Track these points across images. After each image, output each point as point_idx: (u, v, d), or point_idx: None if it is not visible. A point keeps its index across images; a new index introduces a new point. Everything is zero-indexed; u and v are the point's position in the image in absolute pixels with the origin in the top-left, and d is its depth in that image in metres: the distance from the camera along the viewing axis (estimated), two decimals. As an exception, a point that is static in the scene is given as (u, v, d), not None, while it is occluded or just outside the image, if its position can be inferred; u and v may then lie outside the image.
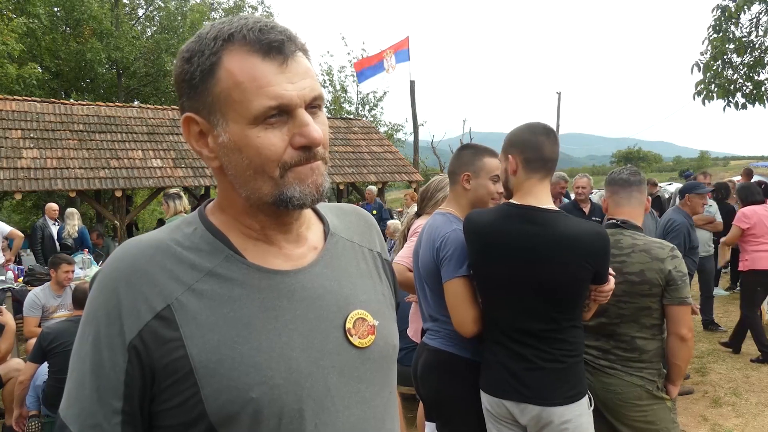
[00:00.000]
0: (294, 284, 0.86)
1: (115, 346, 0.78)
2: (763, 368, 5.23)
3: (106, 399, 0.77)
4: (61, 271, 4.93)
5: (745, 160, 48.86)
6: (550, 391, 1.90)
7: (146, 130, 11.68)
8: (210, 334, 0.79)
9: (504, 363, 1.98)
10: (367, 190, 11.31)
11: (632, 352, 2.30)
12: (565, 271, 1.86)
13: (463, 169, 2.31)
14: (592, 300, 2.04)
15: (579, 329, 1.99)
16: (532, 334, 1.93)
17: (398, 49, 14.37)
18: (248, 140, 0.79)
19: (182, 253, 0.83)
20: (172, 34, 19.72)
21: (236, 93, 0.78)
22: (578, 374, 1.96)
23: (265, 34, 0.79)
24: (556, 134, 2.01)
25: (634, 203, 2.44)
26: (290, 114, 0.80)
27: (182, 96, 0.84)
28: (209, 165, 0.86)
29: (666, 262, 2.22)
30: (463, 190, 2.31)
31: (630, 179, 2.46)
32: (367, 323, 0.91)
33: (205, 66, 0.80)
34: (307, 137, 0.80)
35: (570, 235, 1.87)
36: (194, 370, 0.77)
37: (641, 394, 2.26)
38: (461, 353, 2.20)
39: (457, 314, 2.11)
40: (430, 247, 2.22)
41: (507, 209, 2.00)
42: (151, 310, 0.78)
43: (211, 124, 0.82)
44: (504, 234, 1.95)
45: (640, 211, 2.45)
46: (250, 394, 0.78)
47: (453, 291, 2.11)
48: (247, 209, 0.86)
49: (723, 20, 9.94)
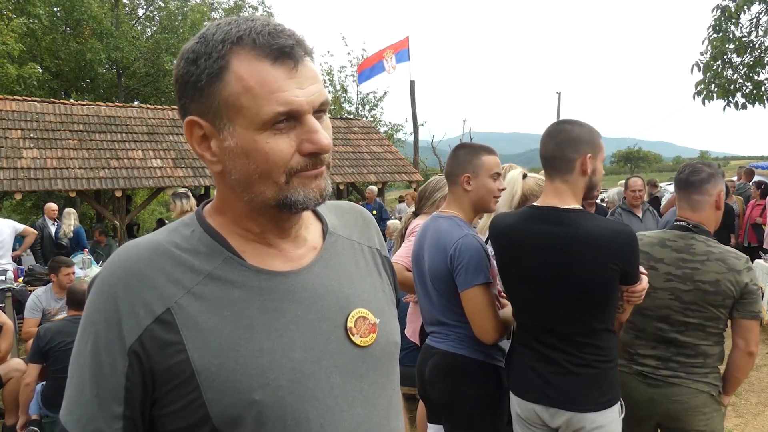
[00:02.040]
0: (294, 285, 0.86)
1: (114, 351, 0.77)
2: (763, 368, 5.22)
3: (106, 404, 0.77)
4: (62, 275, 4.93)
5: (745, 160, 48.84)
6: (581, 397, 1.86)
7: (146, 130, 11.67)
8: (211, 337, 0.79)
9: (533, 366, 1.95)
10: (368, 190, 11.32)
11: (696, 358, 2.17)
12: (591, 271, 1.82)
13: (461, 170, 2.25)
14: (625, 301, 1.98)
15: (611, 333, 1.92)
16: (561, 336, 1.89)
17: (398, 49, 14.38)
18: (256, 145, 0.79)
19: (181, 255, 0.83)
20: (172, 34, 19.70)
21: (245, 98, 0.78)
22: (611, 380, 1.90)
23: (275, 39, 0.78)
24: (558, 130, 1.94)
25: (695, 206, 2.19)
26: (299, 120, 0.80)
27: (184, 98, 0.83)
28: (211, 169, 0.85)
29: (743, 274, 2.09)
30: (464, 192, 2.26)
31: (689, 179, 2.21)
32: (369, 321, 0.91)
33: (212, 69, 0.78)
34: (317, 144, 0.80)
35: (594, 234, 1.83)
36: (196, 373, 0.77)
37: (707, 401, 2.15)
38: (474, 355, 2.18)
39: (479, 322, 2.09)
40: (442, 253, 2.17)
41: (530, 211, 1.98)
42: (151, 314, 0.78)
43: (216, 128, 0.81)
44: (528, 235, 1.92)
45: (705, 215, 2.20)
46: (253, 396, 0.78)
47: (473, 299, 2.09)
48: (247, 213, 0.86)
49: (723, 20, 9.93)
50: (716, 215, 2.22)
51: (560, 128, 1.94)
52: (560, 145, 1.91)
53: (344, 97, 25.04)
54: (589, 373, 1.87)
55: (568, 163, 1.90)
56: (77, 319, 3.83)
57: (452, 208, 2.31)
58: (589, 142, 1.91)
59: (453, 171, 2.28)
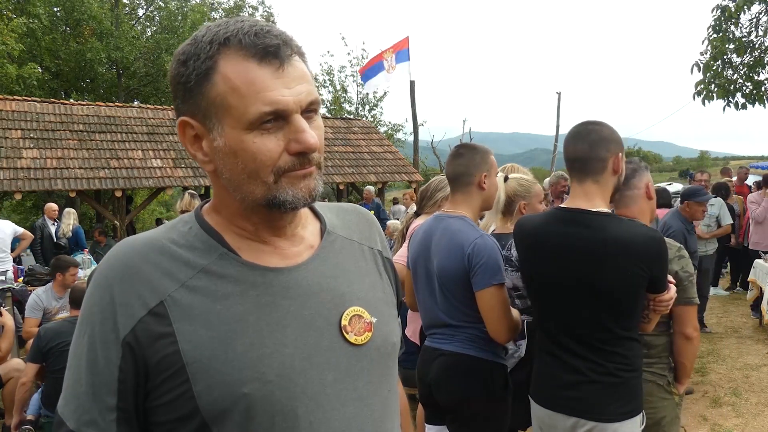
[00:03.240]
0: (288, 281, 0.86)
1: (109, 342, 0.79)
2: (763, 368, 5.23)
3: (100, 395, 0.78)
4: (69, 274, 4.96)
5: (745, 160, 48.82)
6: (603, 407, 1.84)
7: (146, 130, 11.67)
8: (202, 329, 0.79)
9: (555, 374, 1.93)
10: (366, 190, 11.33)
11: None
12: (616, 277, 1.79)
13: (477, 170, 2.27)
14: (651, 310, 1.95)
15: (636, 342, 1.90)
16: (584, 343, 1.87)
17: (398, 49, 14.35)
18: (244, 145, 0.80)
19: (177, 250, 0.83)
20: (172, 34, 19.69)
21: (232, 98, 0.78)
22: (634, 390, 1.88)
23: (260, 39, 0.79)
24: (587, 130, 1.92)
25: (629, 202, 2.23)
26: (286, 119, 0.80)
27: (177, 98, 0.84)
28: (204, 168, 0.86)
29: (673, 262, 2.15)
30: (478, 191, 2.28)
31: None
32: (364, 320, 0.91)
33: (200, 70, 0.79)
34: (303, 143, 0.81)
35: (620, 238, 1.79)
36: (186, 365, 0.77)
37: (652, 390, 2.20)
38: (482, 355, 2.19)
39: (494, 322, 2.11)
40: (457, 253, 2.17)
41: (556, 213, 1.97)
42: (145, 306, 0.79)
43: (206, 128, 0.82)
44: (553, 237, 1.91)
45: (638, 207, 2.25)
46: (242, 390, 0.78)
47: (490, 300, 2.10)
48: (241, 211, 0.86)
49: (723, 20, 9.93)
50: (650, 205, 2.27)
51: (589, 128, 1.92)
52: (592, 146, 1.89)
53: (344, 97, 25.03)
54: (611, 381, 1.84)
55: (600, 163, 1.88)
56: (76, 319, 3.84)
57: (461, 209, 2.31)
58: (618, 141, 1.91)
59: (468, 171, 2.28)
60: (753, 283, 6.56)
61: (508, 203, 2.69)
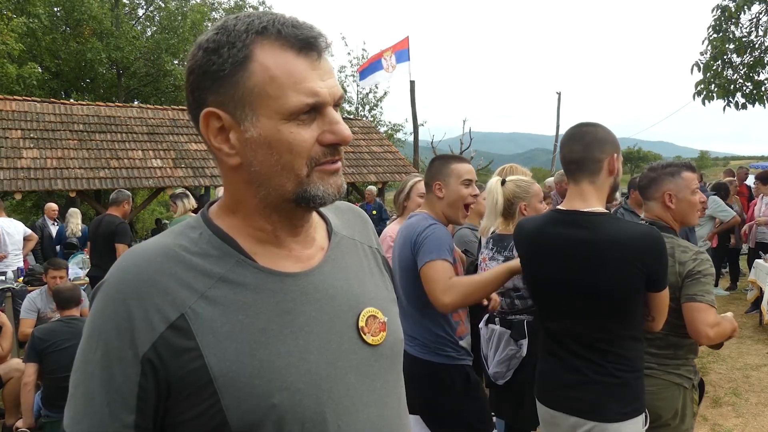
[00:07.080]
0: (306, 286, 0.85)
1: (126, 359, 0.75)
2: (763, 368, 5.23)
3: (117, 413, 0.75)
4: (49, 277, 4.96)
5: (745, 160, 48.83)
6: (603, 407, 1.85)
7: (146, 130, 11.66)
8: (227, 341, 0.77)
9: (557, 374, 1.95)
10: (367, 191, 11.32)
11: (667, 349, 2.19)
12: (613, 276, 1.80)
13: (434, 179, 2.42)
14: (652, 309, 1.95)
15: (638, 342, 1.90)
16: (585, 343, 1.88)
17: (398, 49, 14.35)
18: (280, 135, 0.79)
19: (191, 259, 0.81)
20: (172, 34, 19.66)
21: (271, 88, 0.78)
22: (634, 390, 1.88)
23: (299, 30, 0.79)
24: (583, 132, 1.93)
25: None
26: (319, 111, 0.81)
27: (200, 89, 0.81)
28: (227, 162, 0.83)
29: (688, 263, 2.13)
30: (437, 199, 2.42)
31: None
32: (378, 320, 0.91)
33: (237, 58, 0.78)
34: (339, 135, 0.81)
35: (617, 237, 1.81)
36: (214, 379, 0.76)
37: (675, 393, 2.16)
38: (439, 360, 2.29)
39: (434, 289, 2.17)
40: (408, 244, 2.30)
41: (553, 215, 1.98)
42: (165, 320, 0.76)
43: (236, 119, 0.80)
44: (550, 238, 1.92)
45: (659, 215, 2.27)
46: (272, 401, 0.77)
47: (427, 272, 2.19)
48: (260, 210, 0.84)
49: (723, 20, 9.92)
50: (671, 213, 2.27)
51: (585, 130, 1.93)
52: (588, 147, 1.90)
53: (344, 97, 25.00)
54: (611, 382, 1.85)
55: (596, 164, 1.90)
56: (69, 320, 3.84)
57: (424, 209, 2.48)
58: (613, 142, 1.93)
59: (428, 180, 2.46)
60: (753, 283, 6.56)
61: (507, 206, 2.71)
